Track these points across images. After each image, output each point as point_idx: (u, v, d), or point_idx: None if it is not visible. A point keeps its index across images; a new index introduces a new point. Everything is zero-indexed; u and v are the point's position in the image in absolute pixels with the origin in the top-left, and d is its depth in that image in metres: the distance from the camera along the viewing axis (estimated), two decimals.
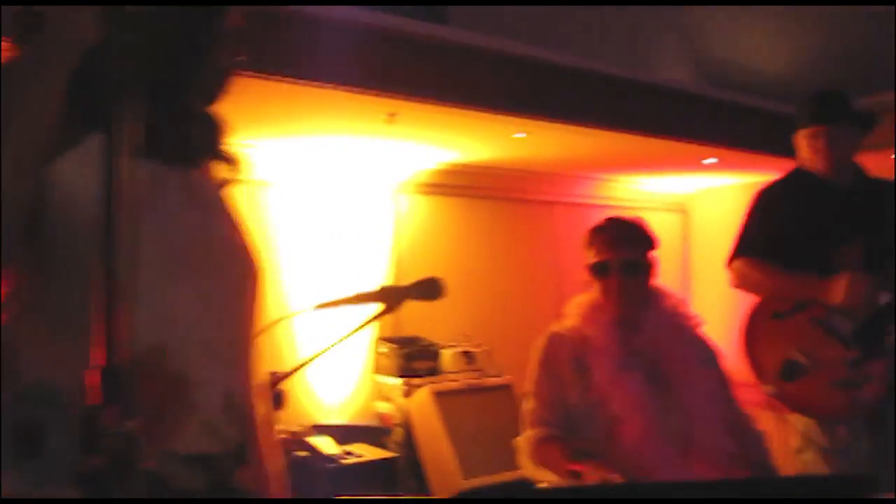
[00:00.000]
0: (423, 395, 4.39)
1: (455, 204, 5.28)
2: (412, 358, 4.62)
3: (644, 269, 2.02)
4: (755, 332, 2.58)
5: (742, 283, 2.63)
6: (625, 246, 2.00)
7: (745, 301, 2.72)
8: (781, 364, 2.47)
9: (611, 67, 3.94)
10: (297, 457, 3.36)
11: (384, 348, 4.71)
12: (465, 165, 5.04)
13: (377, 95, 3.23)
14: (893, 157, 3.55)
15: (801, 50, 3.74)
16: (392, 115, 3.47)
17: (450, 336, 4.95)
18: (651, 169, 5.47)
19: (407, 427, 4.49)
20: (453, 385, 4.47)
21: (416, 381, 4.56)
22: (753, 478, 1.78)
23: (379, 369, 4.76)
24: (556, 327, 2.13)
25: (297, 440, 3.65)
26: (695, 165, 5.07)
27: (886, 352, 2.40)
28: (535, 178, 5.48)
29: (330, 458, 3.19)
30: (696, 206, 6.25)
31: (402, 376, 4.57)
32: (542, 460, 1.96)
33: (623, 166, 5.38)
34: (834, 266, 2.47)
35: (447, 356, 4.77)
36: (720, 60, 3.98)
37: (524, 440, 2.04)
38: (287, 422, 4.27)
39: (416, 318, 5.03)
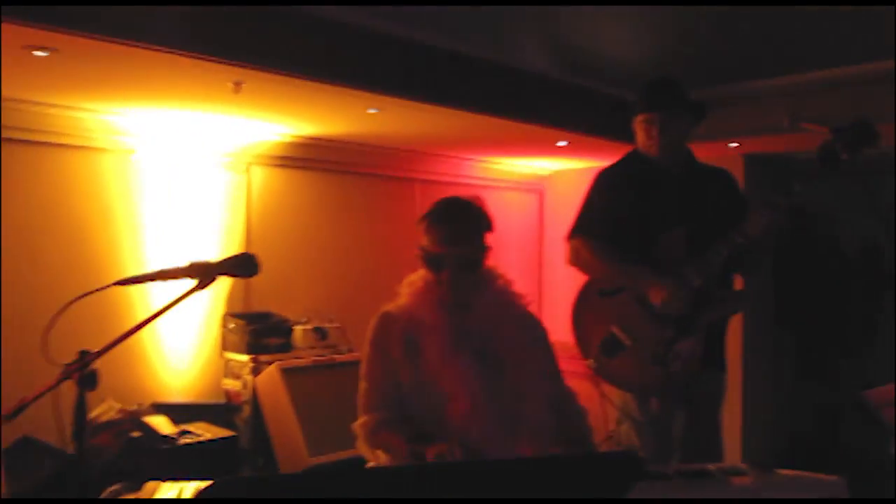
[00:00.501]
0: (271, 372, 4.32)
1: (312, 178, 5.19)
2: (261, 334, 4.52)
3: (478, 259, 2.02)
4: (583, 308, 2.70)
5: (576, 260, 2.73)
6: (461, 242, 1.99)
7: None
8: (602, 339, 2.60)
9: (468, 48, 3.95)
10: (130, 437, 3.21)
11: (232, 324, 4.59)
12: (320, 139, 4.96)
13: (221, 63, 3.11)
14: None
15: (651, 41, 3.87)
16: (238, 83, 3.35)
17: (303, 312, 4.88)
18: (509, 150, 5.56)
19: (255, 404, 4.41)
20: (302, 361, 4.41)
21: (265, 357, 4.47)
22: (521, 459, 1.83)
23: (227, 346, 4.64)
24: (388, 306, 2.12)
25: (130, 419, 3.50)
26: (550, 148, 5.19)
27: (696, 331, 2.55)
28: (395, 155, 5.46)
29: (164, 438, 3.07)
30: (550, 187, 6.43)
31: (250, 353, 4.47)
32: (380, 446, 1.96)
33: (482, 147, 5.44)
34: (658, 250, 2.59)
35: (299, 332, 4.70)
36: (577, 47, 4.06)
37: (360, 426, 2.03)
38: (126, 400, 4.10)
39: (269, 293, 4.93)
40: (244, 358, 4.49)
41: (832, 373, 5.63)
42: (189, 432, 3.24)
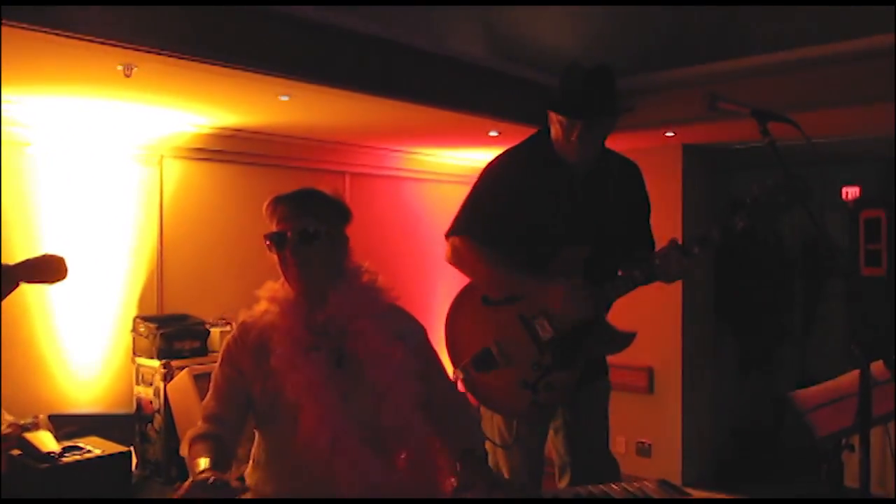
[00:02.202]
0: (182, 379, 4.04)
1: (233, 172, 4.91)
2: (173, 338, 4.24)
3: (328, 241, 1.81)
4: (461, 312, 2.44)
5: (457, 261, 2.42)
6: (304, 216, 1.80)
7: None
8: (476, 352, 2.36)
9: (393, 34, 3.72)
10: (10, 455, 2.93)
11: (143, 328, 4.30)
12: (241, 130, 4.69)
13: (107, 44, 2.85)
14: None
15: (585, 28, 3.69)
16: (129, 67, 3.08)
17: (221, 313, 4.60)
18: (441, 141, 5.35)
19: (168, 413, 4.14)
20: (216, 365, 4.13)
21: (178, 362, 4.20)
22: None
23: (138, 351, 4.34)
24: (245, 315, 1.90)
25: (15, 436, 3.21)
26: (482, 138, 4.98)
27: (574, 365, 2.34)
28: (322, 147, 5.21)
29: (44, 457, 2.79)
30: None
31: (161, 358, 4.19)
32: (189, 456, 1.73)
33: (413, 138, 5.23)
34: (554, 264, 2.35)
35: (216, 335, 4.43)
36: (507, 34, 3.86)
37: (189, 433, 1.80)
38: (24, 412, 3.79)
39: (184, 294, 4.65)
40: (155, 363, 4.20)
41: (772, 363, 5.55)
42: (77, 448, 2.96)
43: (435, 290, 5.46)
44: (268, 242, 1.83)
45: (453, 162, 6.05)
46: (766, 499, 2.19)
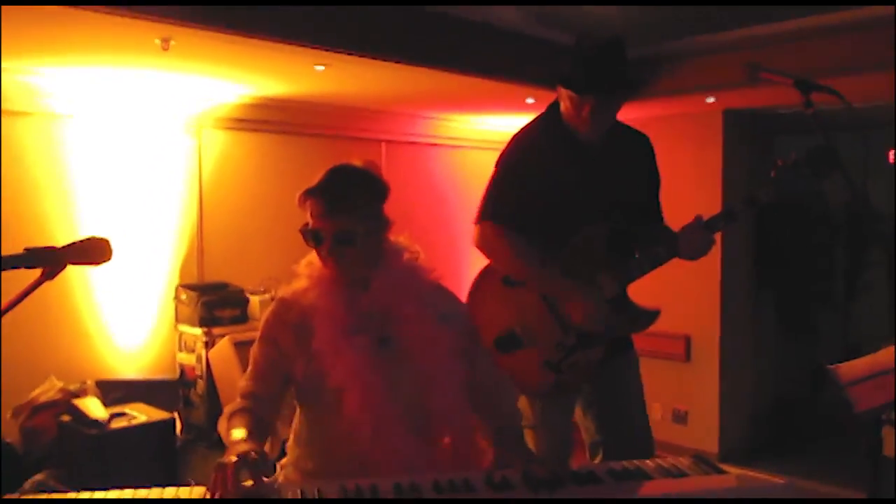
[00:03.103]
0: (223, 346, 4.13)
1: (270, 141, 4.95)
2: (215, 306, 4.32)
3: (365, 238, 1.79)
4: (483, 292, 2.43)
5: (484, 247, 2.40)
6: (337, 214, 1.76)
7: None
8: (500, 333, 2.36)
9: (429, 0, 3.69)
10: (61, 421, 3.03)
11: (184, 296, 4.38)
12: (277, 100, 4.70)
13: (145, 19, 2.87)
14: None
15: None
16: (166, 40, 3.10)
17: (260, 282, 4.66)
18: (478, 108, 5.31)
19: (210, 379, 4.23)
20: (256, 334, 4.20)
21: (218, 330, 4.28)
22: None
23: (180, 319, 4.44)
24: (284, 291, 1.90)
25: (65, 402, 3.32)
26: (519, 105, 4.94)
27: (598, 344, 2.33)
28: (358, 115, 5.21)
29: (93, 423, 2.88)
30: None
31: (203, 326, 4.27)
32: (223, 431, 1.75)
33: (449, 104, 5.19)
34: (578, 242, 2.34)
35: (255, 303, 4.50)
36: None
37: (227, 408, 1.82)
38: (72, 378, 3.91)
39: (223, 262, 4.72)
40: (197, 331, 4.29)
41: (814, 331, 5.48)
42: (123, 414, 3.05)
43: (471, 256, 5.46)
44: (303, 237, 1.81)
45: (491, 129, 6.01)
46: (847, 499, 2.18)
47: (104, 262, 1.46)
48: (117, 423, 2.95)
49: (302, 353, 1.78)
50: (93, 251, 1.46)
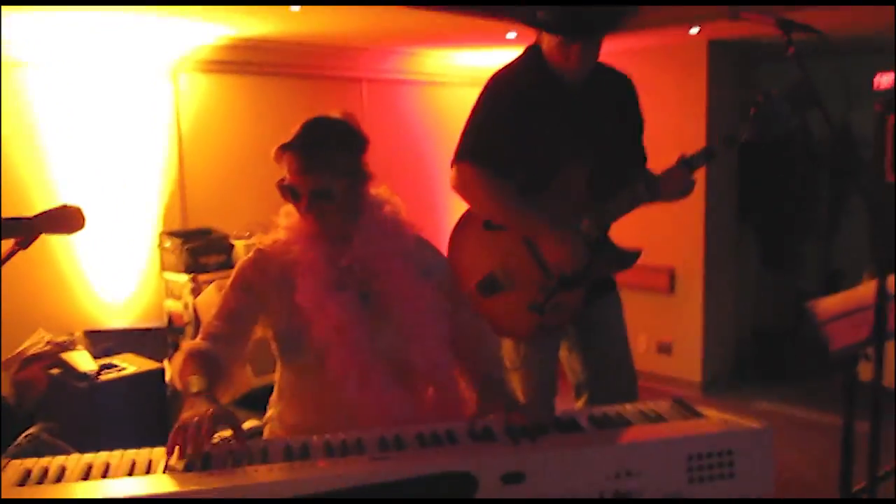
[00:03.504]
0: (210, 292, 4.14)
1: (248, 83, 4.86)
2: (199, 252, 4.31)
3: (343, 194, 1.76)
4: (464, 236, 2.43)
5: (461, 188, 2.35)
6: (317, 171, 1.72)
7: None
8: (481, 277, 2.37)
9: None
10: (51, 375, 3.04)
11: (168, 243, 4.37)
12: (253, 40, 4.59)
13: None
14: None
15: None
16: None
17: (244, 226, 4.65)
18: (458, 42, 5.21)
19: (197, 326, 4.25)
20: None
21: (204, 276, 4.28)
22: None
23: (166, 266, 4.43)
24: (262, 243, 1.88)
25: (54, 354, 3.33)
26: (500, 40, 4.85)
27: (581, 286, 2.35)
28: (338, 54, 5.10)
29: (82, 376, 2.90)
30: None
31: (189, 272, 4.28)
32: (179, 376, 1.71)
33: (430, 39, 5.09)
34: (558, 184, 2.33)
35: (240, 248, 4.49)
36: None
37: (185, 345, 1.82)
38: (60, 329, 3.92)
39: (206, 208, 4.69)
40: (183, 278, 4.30)
41: (797, 261, 5.53)
42: (113, 366, 3.06)
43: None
44: (279, 189, 1.79)
45: (471, 63, 5.92)
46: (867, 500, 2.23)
47: (77, 230, 1.45)
48: (106, 375, 2.97)
49: (283, 308, 1.78)
50: (65, 220, 1.44)
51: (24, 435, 2.92)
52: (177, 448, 1.45)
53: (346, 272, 1.80)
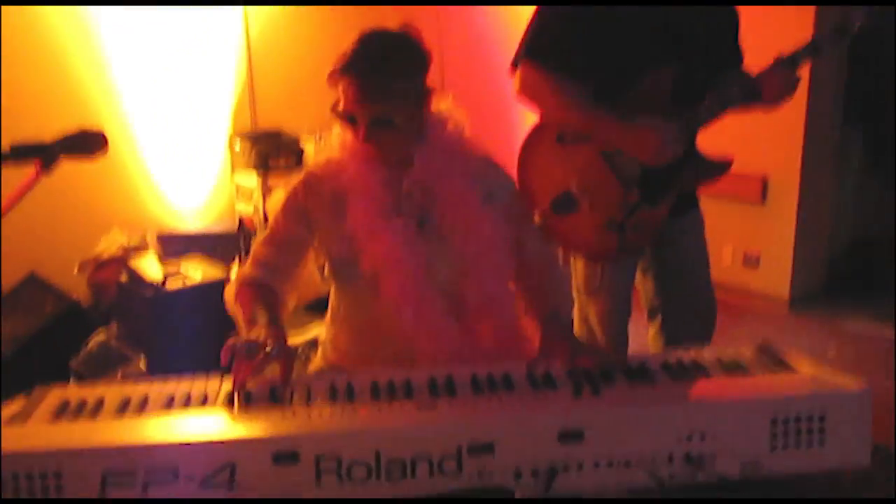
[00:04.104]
0: (280, 196, 4.05)
1: None
2: (269, 154, 4.23)
3: (404, 123, 1.59)
4: (535, 151, 2.20)
5: (526, 92, 2.11)
6: (376, 98, 1.56)
7: None
8: (555, 195, 2.16)
9: None
10: (119, 282, 3.06)
11: (238, 145, 4.30)
12: None
13: None
14: None
15: None
16: None
17: (315, 127, 4.53)
18: None
19: None
20: None
21: (274, 179, 4.21)
22: None
23: (236, 169, 4.38)
24: (314, 165, 1.76)
25: (126, 258, 3.34)
26: None
27: (664, 202, 2.12)
28: None
29: (149, 285, 2.89)
30: None
31: (259, 175, 4.21)
32: (238, 303, 1.66)
33: None
34: (638, 92, 2.07)
35: (311, 150, 4.39)
36: None
37: (237, 275, 1.74)
38: (133, 229, 3.95)
39: (277, 108, 4.58)
40: (253, 181, 4.24)
41: None
42: (180, 273, 3.05)
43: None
44: (335, 113, 1.63)
45: None
46: None
47: (99, 154, 1.34)
48: (172, 284, 2.95)
49: (335, 232, 1.67)
50: (85, 144, 1.34)
51: (93, 340, 2.97)
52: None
53: (404, 197, 1.67)
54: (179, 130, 4.26)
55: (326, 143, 1.76)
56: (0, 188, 1.30)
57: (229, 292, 1.72)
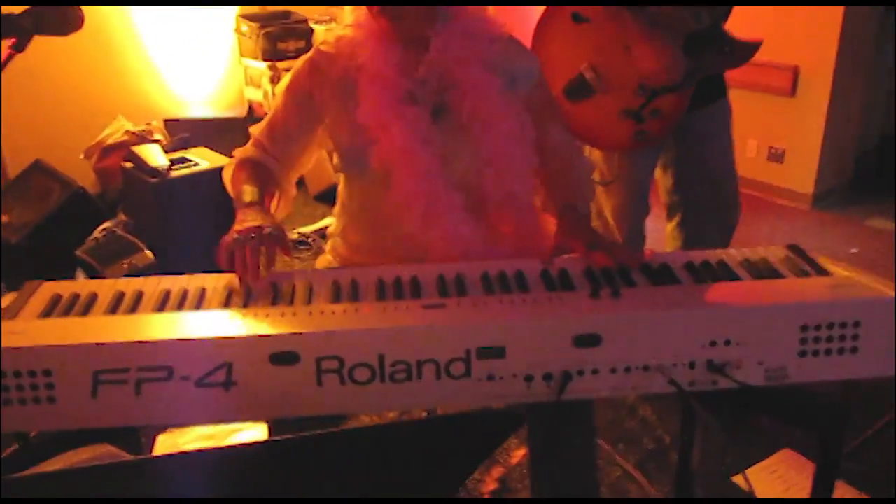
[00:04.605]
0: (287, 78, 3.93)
1: None
2: (277, 38, 4.07)
3: None
4: (549, 33, 2.05)
5: None
6: None
7: None
8: (570, 79, 2.02)
9: None
10: (124, 168, 2.97)
11: (245, 27, 4.12)
12: None
13: None
14: None
15: None
16: None
17: (325, 9, 4.33)
18: None
19: None
20: None
21: (283, 64, 4.06)
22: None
23: (244, 52, 4.22)
24: (323, 43, 1.61)
25: (131, 145, 3.24)
26: None
27: (686, 85, 1.97)
28: None
29: (153, 171, 2.80)
30: None
31: (267, 59, 4.06)
32: (232, 180, 1.60)
33: None
34: None
35: (321, 33, 4.21)
36: None
37: (237, 153, 1.65)
38: (140, 117, 3.84)
39: None
40: (261, 65, 4.09)
41: None
42: (186, 160, 2.95)
43: None
44: None
45: None
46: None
47: (73, 31, 1.22)
48: (177, 171, 2.86)
49: (343, 120, 1.55)
50: (58, 19, 1.21)
51: (99, 229, 2.92)
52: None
53: (419, 84, 1.54)
54: (186, 16, 4.07)
55: (339, 20, 1.61)
56: None
57: (226, 172, 1.64)
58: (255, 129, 1.67)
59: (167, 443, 2.11)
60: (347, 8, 1.59)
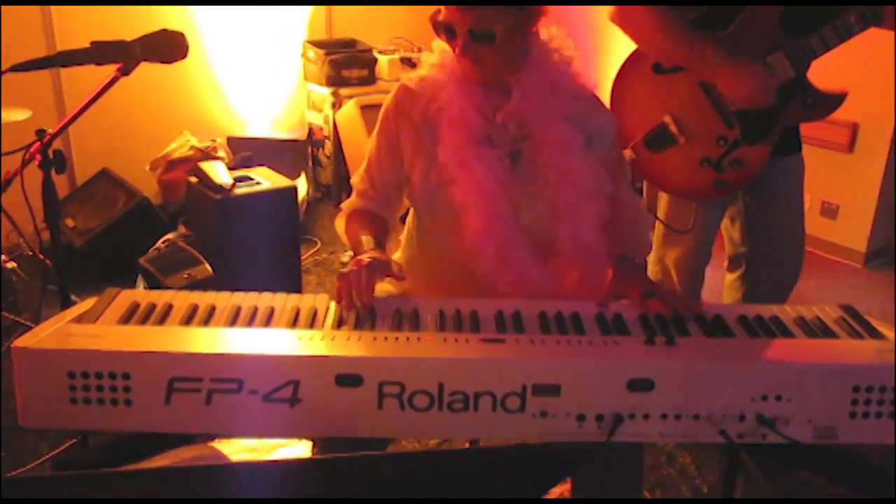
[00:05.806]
0: (349, 109, 4.04)
1: None
2: (342, 65, 4.18)
3: (507, 31, 1.48)
4: (630, 81, 2.08)
5: (622, 19, 1.99)
6: (477, 5, 1.46)
7: None
8: (650, 129, 2.05)
9: None
10: (189, 182, 3.08)
11: (311, 52, 4.24)
12: None
13: None
14: None
15: None
16: None
17: (390, 40, 4.44)
18: None
19: (337, 140, 4.20)
20: (383, 98, 4.06)
21: (346, 91, 4.17)
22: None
23: (308, 76, 4.34)
24: (407, 79, 1.65)
25: (195, 161, 3.36)
26: None
27: (767, 139, 1.99)
28: None
29: (217, 187, 2.90)
30: None
31: (330, 85, 4.17)
32: (347, 232, 1.66)
33: None
34: (742, 24, 1.94)
35: (384, 63, 4.32)
36: None
37: (345, 206, 1.71)
38: (204, 133, 3.97)
39: (353, 17, 4.50)
40: (324, 90, 4.20)
41: None
42: (248, 179, 3.05)
43: None
44: (433, 25, 1.53)
45: None
46: None
47: (179, 58, 1.30)
48: (241, 189, 2.96)
49: (422, 156, 1.60)
50: (165, 46, 1.30)
51: (162, 240, 3.02)
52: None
53: (499, 129, 1.57)
54: (255, 39, 4.20)
55: (424, 60, 1.67)
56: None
57: (338, 224, 1.70)
58: (356, 179, 1.72)
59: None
60: (434, 45, 1.64)
